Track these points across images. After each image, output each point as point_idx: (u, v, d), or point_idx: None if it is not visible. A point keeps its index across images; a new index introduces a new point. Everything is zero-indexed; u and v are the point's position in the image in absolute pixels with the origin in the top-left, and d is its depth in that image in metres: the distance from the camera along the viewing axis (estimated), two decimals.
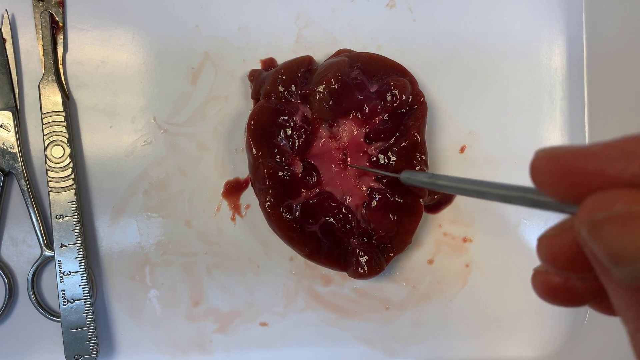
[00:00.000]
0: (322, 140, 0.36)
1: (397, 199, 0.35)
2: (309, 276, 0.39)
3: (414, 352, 0.39)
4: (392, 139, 0.36)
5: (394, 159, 0.35)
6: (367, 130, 0.36)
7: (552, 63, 0.40)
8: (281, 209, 0.34)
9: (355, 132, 0.36)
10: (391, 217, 0.35)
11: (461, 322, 0.39)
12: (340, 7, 0.39)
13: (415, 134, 0.35)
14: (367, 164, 0.36)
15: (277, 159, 0.35)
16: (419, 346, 0.39)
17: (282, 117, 0.35)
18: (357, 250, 0.35)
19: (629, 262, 0.14)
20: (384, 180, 0.35)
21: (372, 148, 0.36)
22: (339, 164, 0.36)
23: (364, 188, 0.36)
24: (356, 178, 0.36)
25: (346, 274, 0.36)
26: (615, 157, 0.15)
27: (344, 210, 0.35)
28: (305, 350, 0.39)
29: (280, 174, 0.34)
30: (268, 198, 0.34)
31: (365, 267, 0.35)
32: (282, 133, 0.35)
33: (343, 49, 0.37)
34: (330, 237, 0.35)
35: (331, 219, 0.35)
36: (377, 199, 0.35)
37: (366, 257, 0.35)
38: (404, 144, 0.35)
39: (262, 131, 0.34)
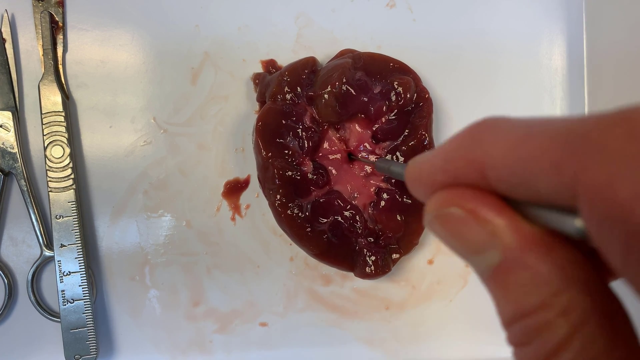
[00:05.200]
0: (331, 141, 0.36)
1: (405, 199, 0.35)
2: (309, 276, 0.39)
3: (414, 352, 0.39)
4: (400, 138, 0.36)
5: (402, 159, 0.35)
6: (374, 130, 0.36)
7: (553, 63, 0.40)
8: (291, 208, 0.34)
9: (363, 133, 0.36)
10: (398, 217, 0.35)
11: (461, 322, 0.39)
12: (340, 7, 0.39)
13: (423, 132, 0.35)
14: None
15: (287, 159, 0.35)
16: (419, 346, 0.39)
17: (290, 119, 0.35)
18: (365, 250, 0.35)
19: (464, 257, 0.15)
20: (393, 181, 0.36)
21: (380, 148, 0.36)
22: (347, 164, 0.36)
23: (372, 188, 0.36)
24: (364, 178, 0.36)
25: (351, 273, 0.36)
26: (439, 165, 0.16)
27: (352, 210, 0.35)
28: (305, 350, 0.39)
29: (290, 173, 0.34)
30: (278, 197, 0.34)
31: (372, 267, 0.35)
32: (290, 134, 0.35)
33: (347, 49, 0.37)
34: (338, 237, 0.35)
35: (340, 218, 0.35)
36: (384, 199, 0.35)
37: (373, 257, 0.35)
38: (411, 142, 0.35)
39: (270, 132, 0.35)
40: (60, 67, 0.37)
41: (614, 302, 0.14)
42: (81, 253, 0.35)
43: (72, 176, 0.36)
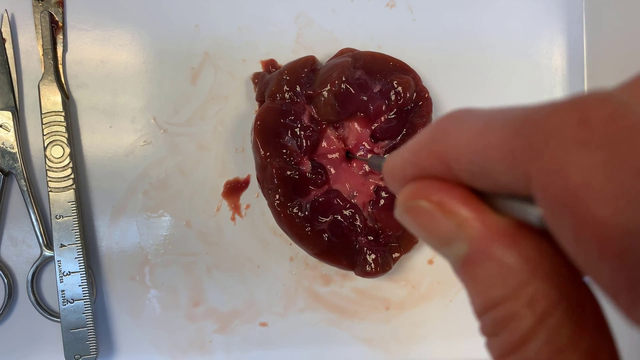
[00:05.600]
0: (329, 140, 0.36)
1: None
2: (309, 276, 0.39)
3: (414, 352, 0.39)
4: (399, 137, 0.36)
5: None
6: (374, 129, 0.36)
7: (552, 63, 0.40)
8: (291, 207, 0.34)
9: (362, 132, 0.36)
10: None
11: (461, 322, 0.39)
12: (340, 7, 0.39)
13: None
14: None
15: (285, 159, 0.35)
16: (419, 346, 0.39)
17: (288, 118, 0.35)
18: (365, 248, 0.35)
19: (435, 248, 0.15)
20: None
21: (379, 147, 0.36)
22: (346, 163, 0.36)
23: (371, 187, 0.36)
24: (363, 176, 0.36)
25: (351, 272, 0.36)
26: (408, 158, 0.16)
27: (351, 209, 0.35)
28: (305, 351, 0.39)
29: (289, 173, 0.34)
30: (277, 197, 0.34)
31: (373, 266, 0.35)
32: (289, 133, 0.35)
33: (346, 48, 0.37)
34: (338, 236, 0.35)
35: (339, 217, 0.35)
36: (384, 198, 0.35)
37: (373, 255, 0.35)
38: None
39: (268, 131, 0.35)
40: (60, 67, 0.37)
41: (584, 292, 0.14)
42: (81, 253, 0.35)
43: (72, 176, 0.36)
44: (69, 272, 0.35)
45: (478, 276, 0.14)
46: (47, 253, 0.36)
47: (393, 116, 0.36)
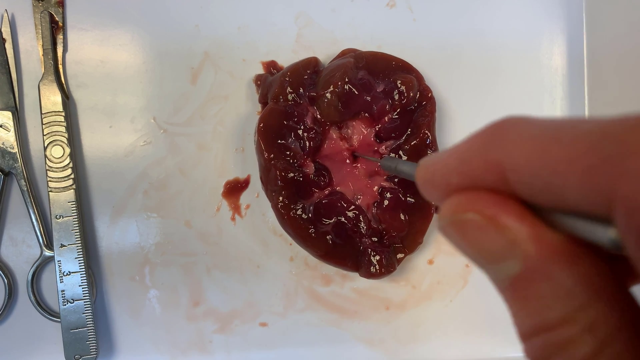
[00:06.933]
0: (333, 141, 0.36)
1: (408, 198, 0.35)
2: (309, 276, 0.39)
3: (414, 352, 0.39)
4: (403, 137, 0.36)
5: (405, 157, 0.35)
6: (377, 129, 0.36)
7: (553, 62, 0.40)
8: (294, 209, 0.34)
9: (366, 132, 0.36)
10: (402, 217, 0.35)
11: (462, 322, 0.39)
12: (340, 7, 0.39)
13: (426, 131, 0.35)
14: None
15: (289, 161, 0.35)
16: (419, 346, 0.39)
17: (292, 119, 0.35)
18: (369, 250, 0.35)
19: (481, 266, 0.14)
20: (396, 180, 0.36)
21: (384, 147, 0.36)
22: (349, 164, 0.36)
23: (375, 188, 0.36)
24: (367, 178, 0.36)
25: (351, 273, 0.36)
26: (454, 166, 0.15)
27: (355, 210, 0.35)
28: (305, 351, 0.39)
29: (292, 174, 0.34)
30: (281, 199, 0.34)
31: (377, 267, 0.35)
32: (292, 135, 0.35)
33: (349, 49, 0.37)
34: (342, 237, 0.35)
35: (343, 219, 0.35)
36: (388, 199, 0.35)
37: (378, 257, 0.35)
38: (414, 141, 0.35)
39: (272, 133, 0.34)
40: (60, 67, 0.37)
41: None
42: (81, 253, 0.35)
43: (72, 176, 0.35)
44: (69, 272, 0.35)
45: (530, 297, 0.13)
46: (47, 253, 0.36)
47: (397, 116, 0.36)
